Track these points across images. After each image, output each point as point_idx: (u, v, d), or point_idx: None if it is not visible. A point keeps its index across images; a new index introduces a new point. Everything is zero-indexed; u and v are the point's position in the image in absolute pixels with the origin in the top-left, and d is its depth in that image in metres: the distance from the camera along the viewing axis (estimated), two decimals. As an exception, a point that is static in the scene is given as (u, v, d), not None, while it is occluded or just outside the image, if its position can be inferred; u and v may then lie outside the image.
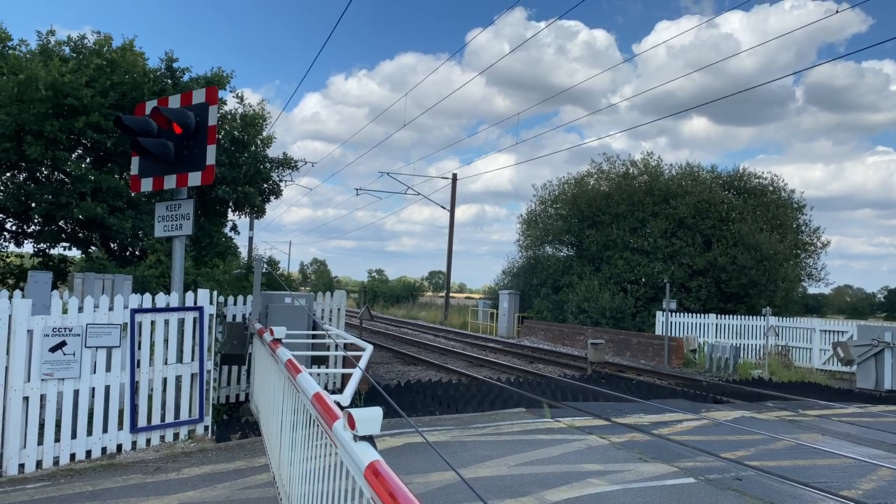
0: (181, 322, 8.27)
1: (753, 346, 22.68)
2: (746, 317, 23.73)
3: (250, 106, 17.53)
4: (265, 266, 11.26)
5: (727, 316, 23.70)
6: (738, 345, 20.44)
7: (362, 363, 5.53)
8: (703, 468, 7.37)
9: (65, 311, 7.37)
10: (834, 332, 21.59)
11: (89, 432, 7.42)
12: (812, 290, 37.83)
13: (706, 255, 28.40)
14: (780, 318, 23.30)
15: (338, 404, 3.37)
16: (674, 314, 22.10)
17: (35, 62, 13.50)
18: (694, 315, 23.59)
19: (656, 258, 28.92)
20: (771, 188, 32.08)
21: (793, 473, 7.30)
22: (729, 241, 28.30)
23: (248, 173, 16.72)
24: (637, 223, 30.03)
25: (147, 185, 9.33)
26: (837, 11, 13.94)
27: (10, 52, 14.52)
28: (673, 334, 21.62)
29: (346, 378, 7.94)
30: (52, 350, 7.12)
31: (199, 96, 9.02)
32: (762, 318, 21.27)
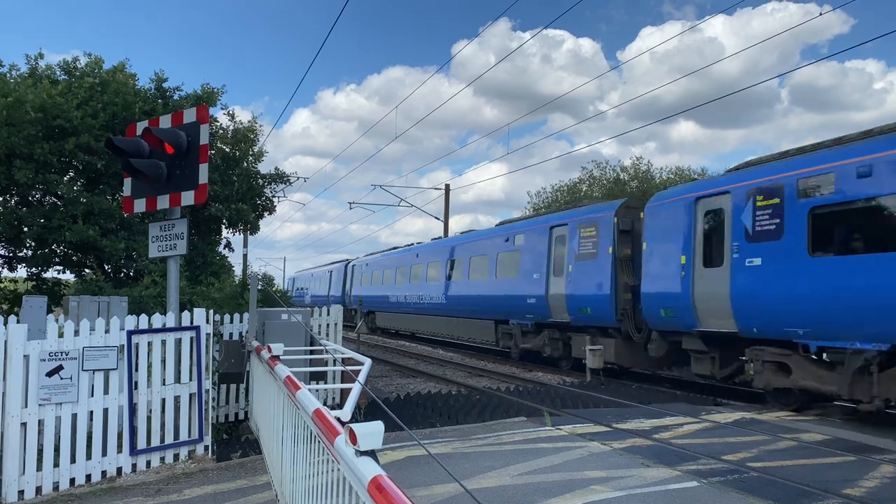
0: (178, 342, 8.24)
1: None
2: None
3: (241, 122, 17.57)
4: (260, 283, 11.22)
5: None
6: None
7: (361, 377, 5.51)
8: (706, 471, 7.36)
9: (61, 335, 7.34)
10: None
11: (88, 456, 7.37)
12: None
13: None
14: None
15: (338, 420, 3.37)
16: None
17: (24, 85, 13.50)
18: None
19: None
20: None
21: (795, 473, 7.30)
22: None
23: (241, 190, 16.72)
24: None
25: (140, 205, 9.33)
26: (821, 14, 14.02)
27: None
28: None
29: (345, 393, 7.91)
30: (49, 374, 7.08)
31: (189, 115, 9.03)
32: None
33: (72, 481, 7.23)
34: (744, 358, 12.63)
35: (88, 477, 7.36)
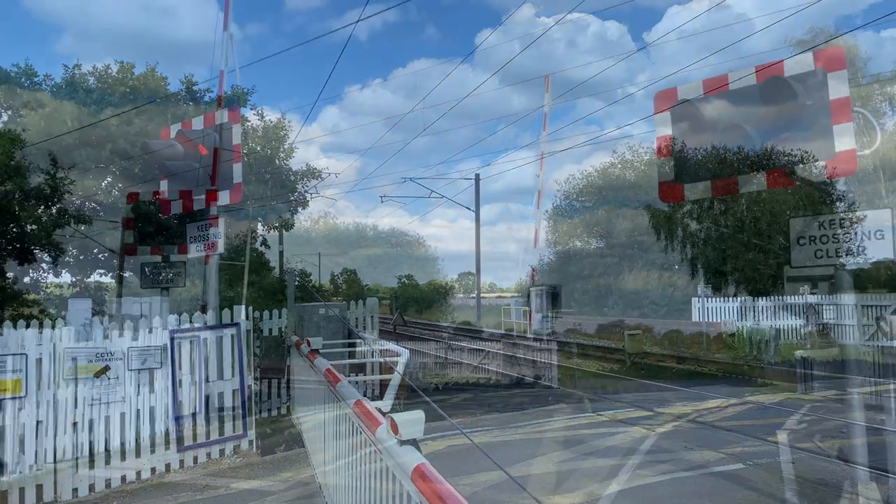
0: (219, 340, 8.37)
1: (793, 327, 22.24)
2: (784, 297, 23.29)
3: (270, 121, 17.75)
4: (297, 279, 11.34)
5: (764, 298, 23.30)
6: (777, 326, 20.10)
7: (399, 368, 5.54)
8: (751, 453, 7.25)
9: (106, 337, 7.50)
10: (877, 306, 21.09)
11: (137, 454, 7.54)
12: (850, 266, 37.08)
13: (739, 236, 27.95)
14: (819, 297, 22.82)
15: (379, 410, 3.39)
16: (710, 299, 21.78)
17: (60, 95, 13.81)
18: (730, 299, 23.24)
19: (689, 243, 28.56)
20: (802, 165, 31.49)
21: (843, 453, 7.14)
22: (762, 221, 27.80)
23: (275, 187, 16.90)
24: (668, 209, 29.65)
25: (177, 207, 9.48)
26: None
27: (35, 87, 14.86)
28: (710, 319, 21.32)
29: (384, 384, 7.96)
30: (97, 375, 7.26)
31: (221, 116, 9.13)
32: (801, 296, 20.91)
33: (123, 478, 7.40)
34: None
35: (139, 473, 7.53)
